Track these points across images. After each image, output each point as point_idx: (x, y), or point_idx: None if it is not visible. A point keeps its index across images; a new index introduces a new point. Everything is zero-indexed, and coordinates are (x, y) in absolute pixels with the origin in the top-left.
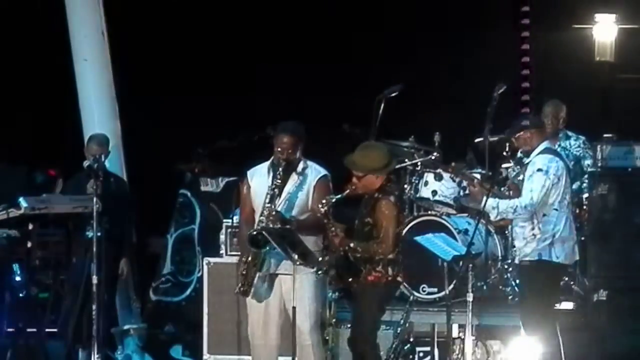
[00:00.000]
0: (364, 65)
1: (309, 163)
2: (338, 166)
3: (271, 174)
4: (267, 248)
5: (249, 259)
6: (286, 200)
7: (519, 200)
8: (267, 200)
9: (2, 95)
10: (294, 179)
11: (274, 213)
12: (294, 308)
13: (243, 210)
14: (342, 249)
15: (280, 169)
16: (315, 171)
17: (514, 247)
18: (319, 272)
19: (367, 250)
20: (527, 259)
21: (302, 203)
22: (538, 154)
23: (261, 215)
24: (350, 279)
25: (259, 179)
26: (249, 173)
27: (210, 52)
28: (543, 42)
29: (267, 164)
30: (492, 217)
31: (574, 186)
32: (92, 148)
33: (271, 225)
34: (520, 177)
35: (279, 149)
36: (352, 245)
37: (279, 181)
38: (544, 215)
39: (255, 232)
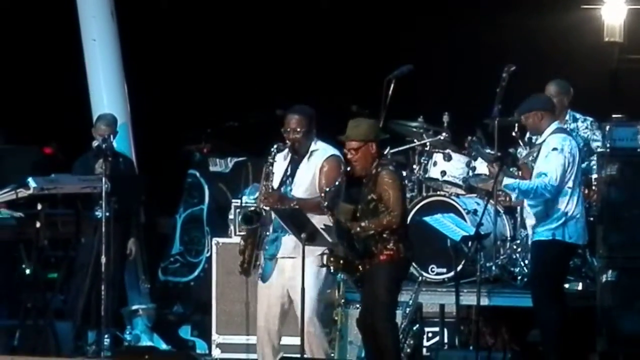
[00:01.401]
0: (372, 46)
1: (320, 144)
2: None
3: (288, 159)
4: (259, 225)
5: (247, 237)
6: (295, 182)
7: (539, 181)
8: (263, 178)
9: (11, 76)
10: (304, 162)
11: (270, 191)
12: (303, 290)
13: None
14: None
15: (275, 147)
16: (323, 151)
17: (525, 226)
18: (322, 266)
19: (379, 224)
20: (540, 238)
21: (311, 185)
22: (551, 133)
23: (259, 194)
24: (360, 264)
25: (278, 162)
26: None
27: (220, 32)
28: (551, 23)
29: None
30: (513, 199)
31: (582, 165)
32: (100, 128)
33: (266, 205)
34: (531, 158)
35: (288, 129)
36: (363, 225)
37: (272, 160)
38: (557, 194)
39: (247, 210)
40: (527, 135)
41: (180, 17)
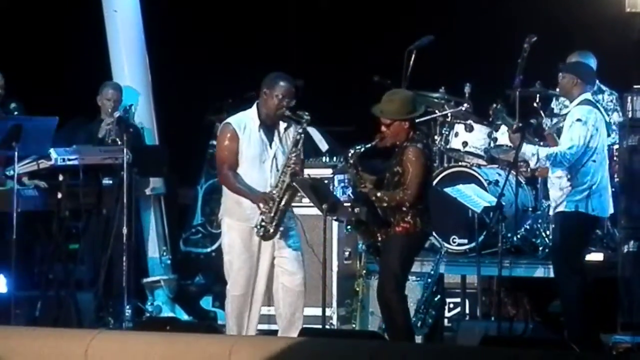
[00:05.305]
0: (394, 17)
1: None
2: (369, 118)
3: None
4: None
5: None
6: (284, 150)
7: (559, 149)
8: (292, 144)
9: (30, 48)
10: (281, 132)
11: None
12: (324, 259)
13: (230, 159)
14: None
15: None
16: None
17: (546, 197)
18: (348, 228)
19: (393, 198)
20: (563, 209)
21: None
22: (577, 104)
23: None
24: (379, 233)
25: (249, 133)
26: (236, 123)
27: (242, 4)
28: None
29: (252, 117)
30: (532, 165)
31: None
32: (108, 93)
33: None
34: (557, 127)
35: (285, 98)
36: (378, 195)
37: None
38: (582, 166)
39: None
40: (551, 105)
41: None
